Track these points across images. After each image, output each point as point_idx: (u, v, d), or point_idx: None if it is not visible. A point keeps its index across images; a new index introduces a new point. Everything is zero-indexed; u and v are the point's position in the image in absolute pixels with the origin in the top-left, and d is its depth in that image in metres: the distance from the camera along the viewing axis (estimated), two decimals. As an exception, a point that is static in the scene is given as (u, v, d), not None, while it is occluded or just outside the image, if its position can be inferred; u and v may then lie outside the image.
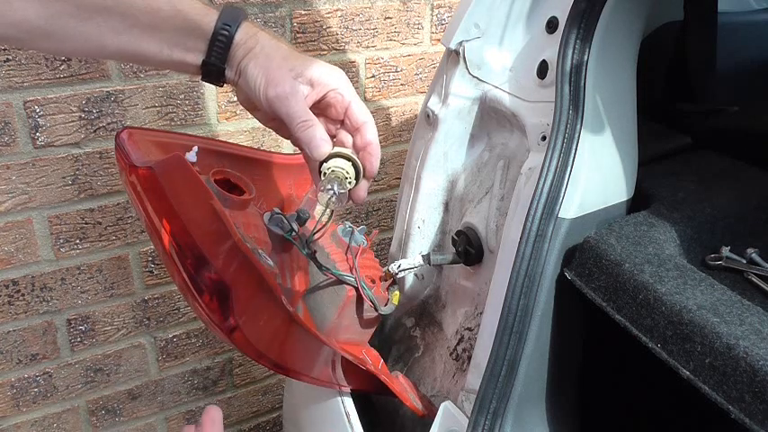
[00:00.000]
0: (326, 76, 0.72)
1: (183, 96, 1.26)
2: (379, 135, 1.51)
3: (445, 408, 0.91)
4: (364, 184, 0.76)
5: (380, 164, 1.56)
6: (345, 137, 0.75)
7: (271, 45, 0.71)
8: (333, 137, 0.75)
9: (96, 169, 1.22)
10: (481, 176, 1.01)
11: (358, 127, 0.74)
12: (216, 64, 0.70)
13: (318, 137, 0.71)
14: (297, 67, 0.70)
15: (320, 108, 0.74)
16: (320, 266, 0.88)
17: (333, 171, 0.71)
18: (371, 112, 1.49)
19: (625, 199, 0.91)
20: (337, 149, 0.72)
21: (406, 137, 1.56)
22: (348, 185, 0.72)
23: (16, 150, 1.15)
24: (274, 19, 1.27)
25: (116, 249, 1.31)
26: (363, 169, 0.73)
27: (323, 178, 0.71)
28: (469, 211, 1.00)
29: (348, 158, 0.72)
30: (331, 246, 0.95)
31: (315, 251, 0.89)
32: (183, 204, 0.70)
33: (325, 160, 0.71)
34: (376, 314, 0.94)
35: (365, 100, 1.47)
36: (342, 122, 0.75)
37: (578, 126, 0.84)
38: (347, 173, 0.72)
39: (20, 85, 1.11)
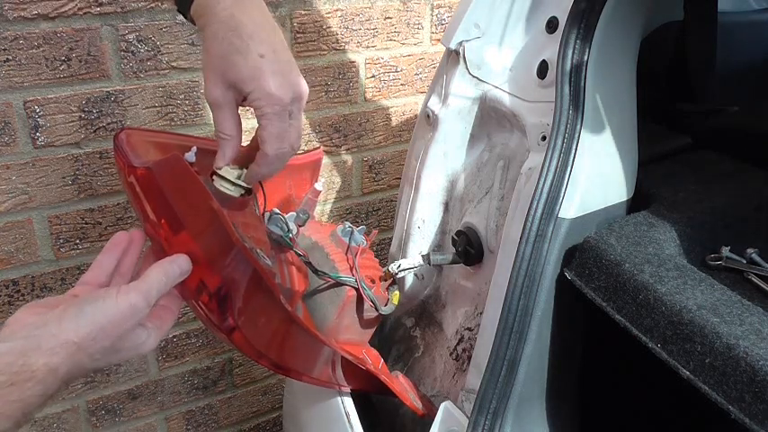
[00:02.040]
0: (254, 98, 0.69)
1: (182, 96, 1.25)
2: (379, 135, 1.52)
3: (445, 408, 0.91)
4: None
5: (380, 164, 1.57)
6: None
7: (218, 29, 0.67)
8: None
9: (96, 169, 1.22)
10: (481, 176, 1.01)
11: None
12: (183, 14, 0.71)
13: (222, 154, 0.73)
14: (229, 73, 0.68)
15: None
16: (316, 271, 0.88)
17: (217, 183, 0.75)
18: (371, 113, 1.50)
19: (625, 199, 0.90)
20: (226, 171, 0.74)
21: (406, 137, 1.56)
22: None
23: (16, 150, 1.15)
24: (274, 19, 1.27)
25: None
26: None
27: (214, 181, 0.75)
28: (469, 211, 1.00)
29: (231, 182, 0.75)
30: (330, 246, 0.95)
31: (309, 260, 0.89)
32: (182, 205, 0.70)
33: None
34: (376, 314, 0.94)
35: (365, 100, 1.47)
36: None
37: (578, 126, 0.84)
38: (226, 193, 0.75)
39: (20, 85, 1.11)
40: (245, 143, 0.77)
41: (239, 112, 0.73)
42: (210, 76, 0.69)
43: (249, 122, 1.38)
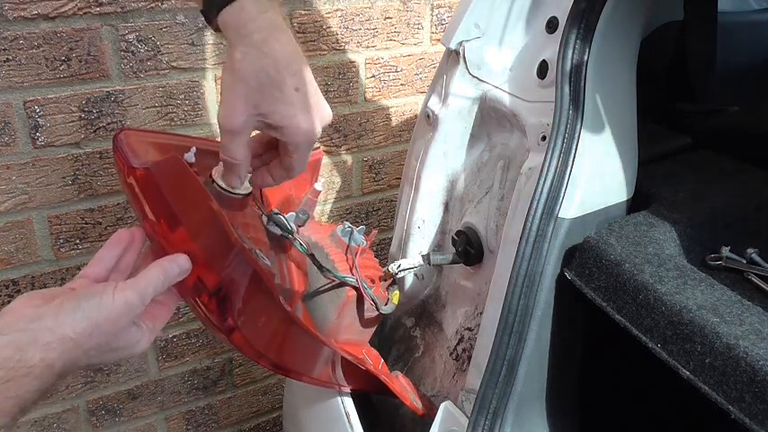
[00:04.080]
0: (288, 134, 0.69)
1: (182, 96, 1.25)
2: (379, 135, 1.52)
3: (445, 408, 0.91)
4: None
5: (380, 164, 1.56)
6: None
7: (252, 53, 0.65)
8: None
9: (96, 169, 1.22)
10: (481, 176, 1.01)
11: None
12: (207, 16, 0.69)
13: (236, 174, 0.73)
14: (263, 105, 0.66)
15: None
16: (321, 268, 0.88)
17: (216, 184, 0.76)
18: (371, 113, 1.50)
19: (625, 199, 0.90)
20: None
21: (406, 137, 1.56)
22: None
23: (16, 150, 1.15)
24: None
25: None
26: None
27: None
28: (469, 211, 1.00)
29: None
30: (330, 246, 0.95)
31: (313, 253, 0.89)
32: (181, 205, 0.70)
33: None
34: (376, 314, 0.94)
35: (365, 100, 1.47)
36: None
37: (578, 126, 0.84)
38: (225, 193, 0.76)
39: (20, 85, 1.11)
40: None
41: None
42: (237, 102, 0.66)
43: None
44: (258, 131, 0.72)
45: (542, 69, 0.90)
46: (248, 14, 0.65)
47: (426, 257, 1.01)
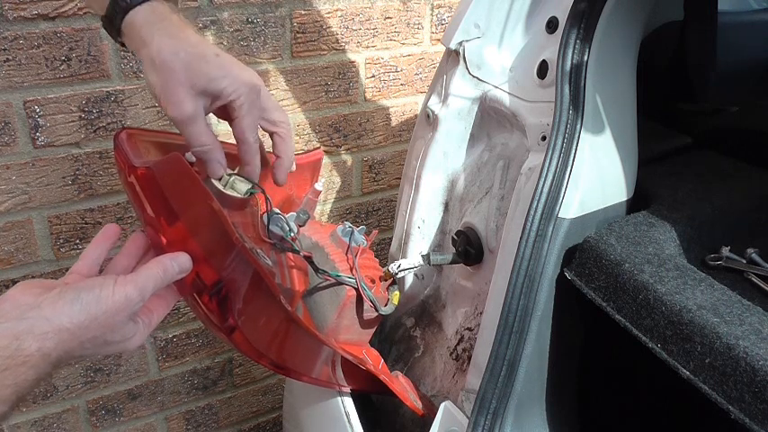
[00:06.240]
0: (231, 91, 0.70)
1: (182, 96, 1.25)
2: (379, 135, 1.52)
3: (445, 408, 0.91)
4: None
5: (380, 164, 1.56)
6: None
7: (169, 45, 0.68)
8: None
9: (96, 169, 1.22)
10: (481, 176, 1.01)
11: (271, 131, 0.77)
12: (109, 30, 0.72)
13: (215, 160, 0.74)
14: (197, 80, 0.69)
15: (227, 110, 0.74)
16: (317, 270, 0.88)
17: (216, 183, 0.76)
18: (371, 113, 1.50)
19: (625, 199, 0.90)
20: (233, 175, 0.76)
21: (406, 137, 1.56)
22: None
23: (16, 150, 1.15)
24: (274, 19, 1.27)
25: (116, 249, 1.31)
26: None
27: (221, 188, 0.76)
28: (469, 211, 1.00)
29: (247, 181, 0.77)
30: (331, 246, 0.95)
31: (311, 254, 0.89)
32: (182, 204, 0.70)
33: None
34: (376, 314, 0.94)
35: (365, 100, 1.47)
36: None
37: (578, 126, 0.84)
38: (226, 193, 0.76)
39: (20, 85, 1.11)
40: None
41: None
42: (178, 90, 0.69)
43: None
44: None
45: (542, 69, 0.90)
46: (161, 14, 0.70)
47: (426, 257, 1.01)
